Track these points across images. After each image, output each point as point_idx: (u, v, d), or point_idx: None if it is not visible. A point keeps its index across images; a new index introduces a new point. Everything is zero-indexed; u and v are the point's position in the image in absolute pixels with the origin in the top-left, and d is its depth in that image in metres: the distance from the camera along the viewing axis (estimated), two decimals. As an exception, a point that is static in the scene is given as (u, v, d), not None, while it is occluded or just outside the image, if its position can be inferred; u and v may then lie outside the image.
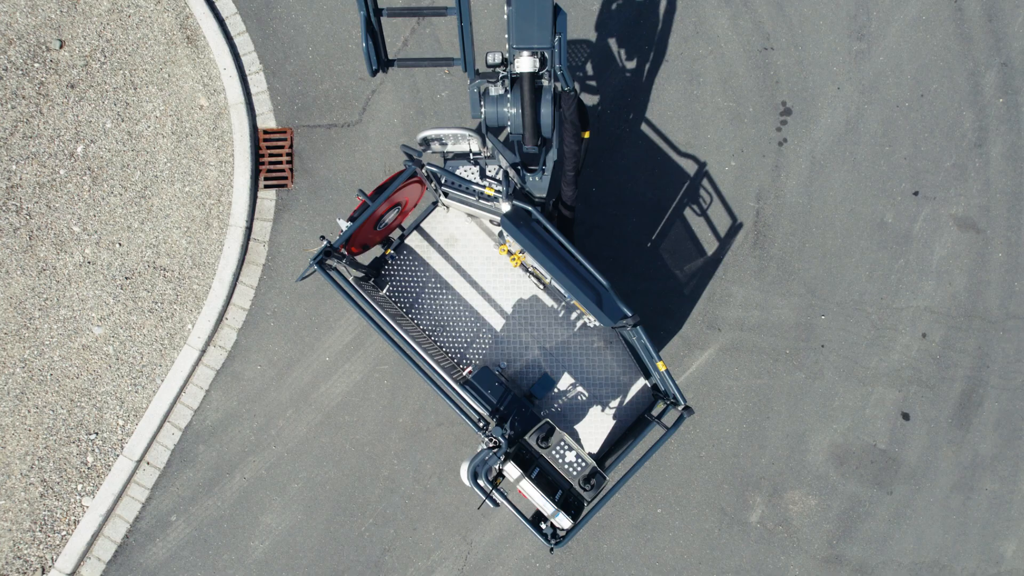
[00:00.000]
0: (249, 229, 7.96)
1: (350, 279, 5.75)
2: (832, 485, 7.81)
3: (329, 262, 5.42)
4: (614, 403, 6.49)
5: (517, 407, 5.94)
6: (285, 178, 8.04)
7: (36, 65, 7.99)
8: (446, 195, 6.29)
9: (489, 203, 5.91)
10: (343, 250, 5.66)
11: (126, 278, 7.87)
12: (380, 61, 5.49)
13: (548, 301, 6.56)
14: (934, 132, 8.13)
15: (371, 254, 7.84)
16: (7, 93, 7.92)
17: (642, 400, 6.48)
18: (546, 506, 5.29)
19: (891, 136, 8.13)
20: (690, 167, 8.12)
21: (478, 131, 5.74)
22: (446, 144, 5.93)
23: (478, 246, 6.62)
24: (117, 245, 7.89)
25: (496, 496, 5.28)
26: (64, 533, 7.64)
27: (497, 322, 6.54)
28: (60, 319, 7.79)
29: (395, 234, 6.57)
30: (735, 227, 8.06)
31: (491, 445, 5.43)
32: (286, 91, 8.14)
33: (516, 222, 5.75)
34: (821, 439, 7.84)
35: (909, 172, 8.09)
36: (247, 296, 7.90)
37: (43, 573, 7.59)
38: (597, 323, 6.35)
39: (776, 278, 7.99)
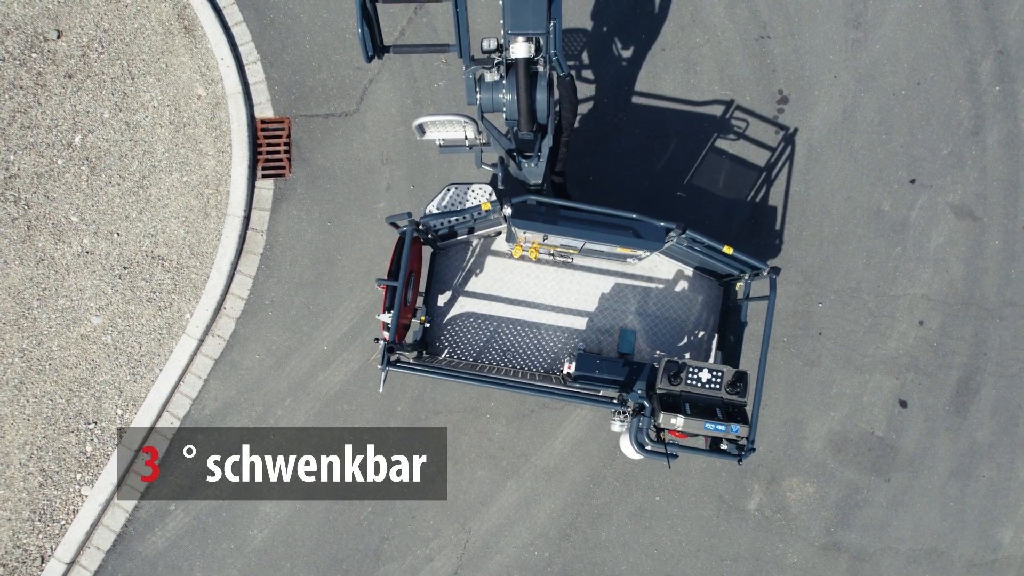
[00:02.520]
0: (247, 218, 7.97)
1: (411, 361, 5.80)
2: (830, 472, 7.82)
3: (393, 357, 5.52)
4: (696, 315, 6.56)
5: (628, 369, 5.99)
6: (283, 167, 8.05)
7: (34, 55, 7.99)
8: (443, 239, 6.36)
9: (489, 217, 5.95)
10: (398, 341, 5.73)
11: (124, 268, 7.88)
12: (376, 47, 5.49)
13: (585, 269, 6.60)
14: (930, 120, 8.13)
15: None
16: (4, 83, 7.93)
17: (715, 299, 6.59)
18: (717, 427, 5.36)
19: (888, 124, 8.13)
20: (686, 155, 8.13)
21: (473, 118, 5.75)
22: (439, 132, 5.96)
23: (493, 263, 6.65)
24: (115, 235, 7.90)
25: (671, 450, 5.43)
26: (63, 522, 7.66)
27: (554, 317, 6.54)
28: (58, 309, 7.80)
29: (419, 302, 6.68)
30: (732, 215, 8.07)
31: (634, 412, 5.59)
32: (284, 81, 8.14)
33: (524, 215, 5.80)
34: (819, 426, 7.86)
35: (906, 160, 8.10)
36: (245, 285, 7.91)
37: (42, 562, 7.61)
38: (647, 254, 6.30)
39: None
